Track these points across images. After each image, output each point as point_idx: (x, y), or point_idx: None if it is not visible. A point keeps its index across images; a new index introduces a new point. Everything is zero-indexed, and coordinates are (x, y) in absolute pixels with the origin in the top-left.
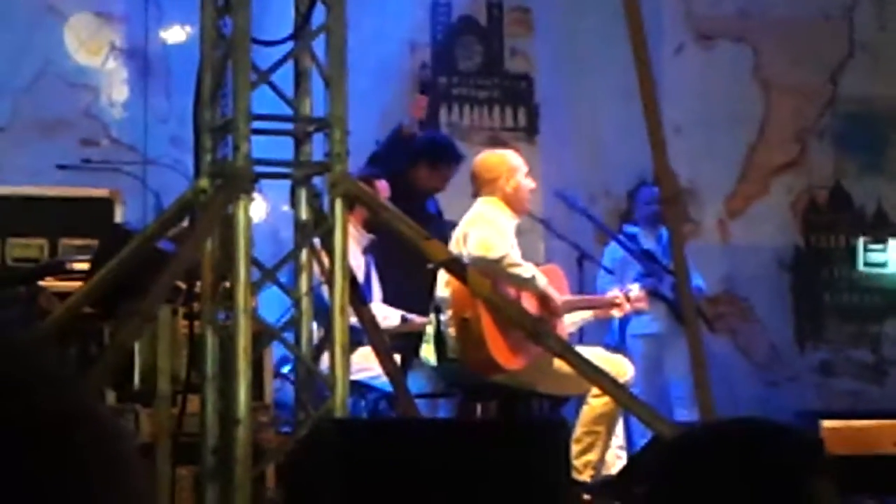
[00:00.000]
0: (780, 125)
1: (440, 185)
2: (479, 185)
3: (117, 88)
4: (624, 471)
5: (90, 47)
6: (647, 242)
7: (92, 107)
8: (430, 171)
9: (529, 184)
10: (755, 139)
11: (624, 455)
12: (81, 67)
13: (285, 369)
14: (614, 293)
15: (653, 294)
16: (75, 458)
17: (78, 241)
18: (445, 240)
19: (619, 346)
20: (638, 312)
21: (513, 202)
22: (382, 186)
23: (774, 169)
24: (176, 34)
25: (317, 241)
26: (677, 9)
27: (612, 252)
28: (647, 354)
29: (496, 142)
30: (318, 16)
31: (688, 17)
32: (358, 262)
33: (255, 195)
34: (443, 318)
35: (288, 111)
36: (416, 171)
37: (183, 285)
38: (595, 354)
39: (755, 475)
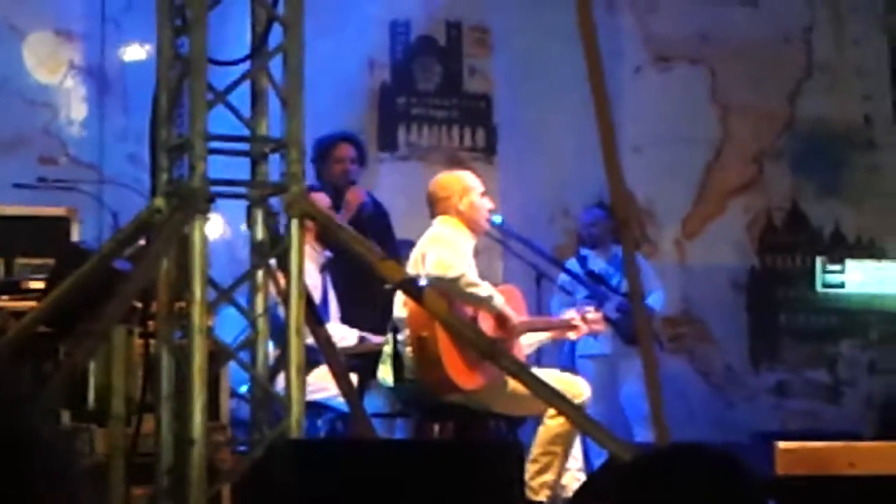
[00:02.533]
0: (738, 146)
1: (339, 168)
2: (434, 205)
3: (76, 107)
4: (580, 492)
5: (49, 65)
6: (598, 263)
7: (50, 125)
8: (325, 165)
9: (486, 203)
10: (712, 160)
11: (583, 477)
12: (40, 85)
13: (242, 389)
14: (570, 314)
15: None
16: (24, 480)
17: (34, 261)
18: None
19: (569, 368)
20: (594, 334)
21: (469, 222)
22: (321, 198)
23: (732, 190)
24: (134, 52)
25: (273, 261)
26: (636, 30)
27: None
28: (599, 374)
29: (455, 161)
30: (276, 36)
31: (646, 39)
32: (315, 281)
33: (212, 215)
34: (400, 337)
35: (245, 131)
36: (321, 176)
37: (139, 305)
38: (551, 375)
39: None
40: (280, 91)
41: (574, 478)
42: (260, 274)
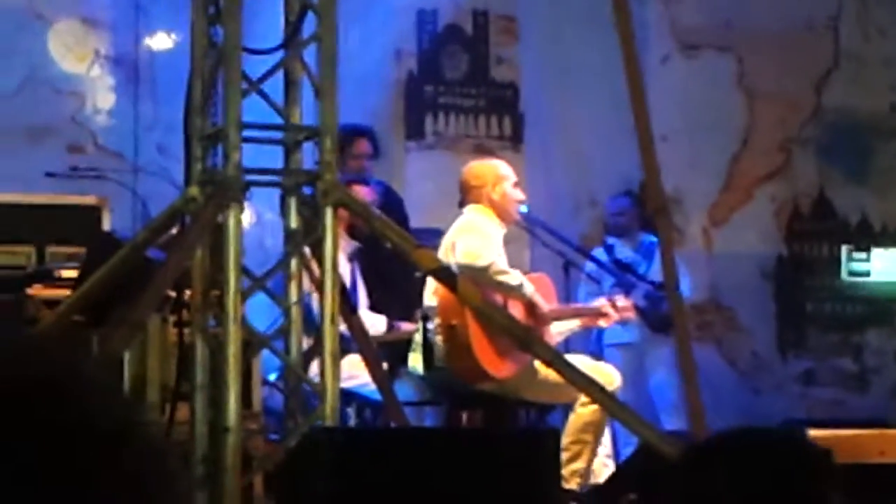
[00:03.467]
0: (765, 134)
1: (355, 164)
2: (466, 193)
3: (103, 95)
4: (612, 479)
5: (77, 54)
6: (625, 252)
7: (78, 114)
8: (341, 160)
9: (518, 194)
10: (739, 148)
11: (611, 463)
12: (68, 74)
13: (272, 377)
14: (601, 302)
15: None
16: (127, 471)
17: (65, 249)
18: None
19: (597, 356)
20: (623, 322)
21: (500, 211)
22: (367, 192)
23: (758, 178)
24: (163, 41)
25: (307, 249)
26: (663, 19)
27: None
28: (627, 362)
29: (482, 150)
30: (309, 25)
31: (673, 27)
32: (343, 269)
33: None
34: (430, 326)
35: (278, 120)
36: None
37: (173, 293)
38: (582, 363)
39: (748, 486)
40: (314, 79)
41: (602, 464)
42: (294, 262)
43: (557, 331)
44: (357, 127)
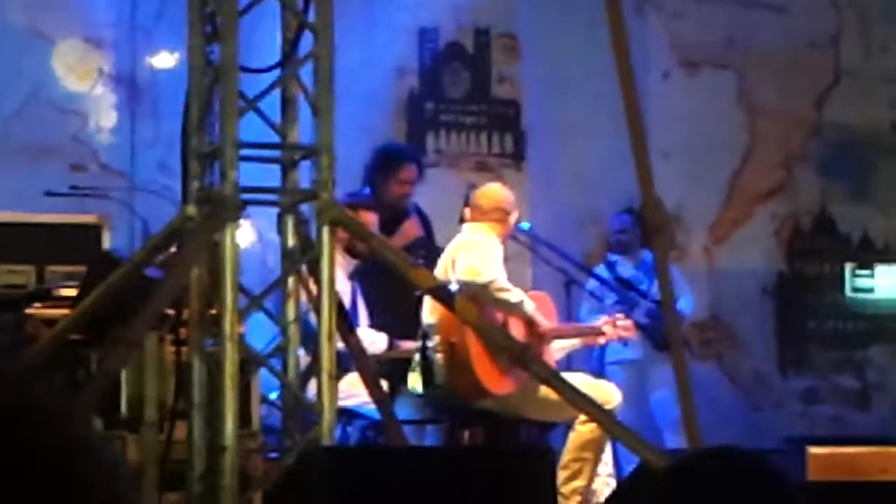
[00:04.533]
0: (766, 151)
1: (400, 190)
2: (475, 211)
3: (106, 114)
4: (611, 498)
5: (79, 73)
6: (627, 269)
7: (80, 133)
8: (384, 180)
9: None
10: (740, 165)
11: (613, 483)
12: (70, 93)
13: (273, 395)
14: (602, 320)
15: None
16: (75, 489)
17: (65, 268)
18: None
19: (598, 374)
20: (624, 341)
21: (501, 232)
22: (371, 219)
23: (759, 195)
24: (164, 60)
25: (304, 267)
26: (663, 35)
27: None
28: (629, 380)
29: (483, 168)
30: (306, 43)
31: (674, 44)
32: (344, 287)
33: (243, 222)
34: (430, 344)
35: (275, 138)
36: (376, 188)
37: (170, 312)
38: (582, 381)
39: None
40: (311, 98)
41: (604, 483)
42: (291, 281)
43: (557, 348)
44: (406, 151)
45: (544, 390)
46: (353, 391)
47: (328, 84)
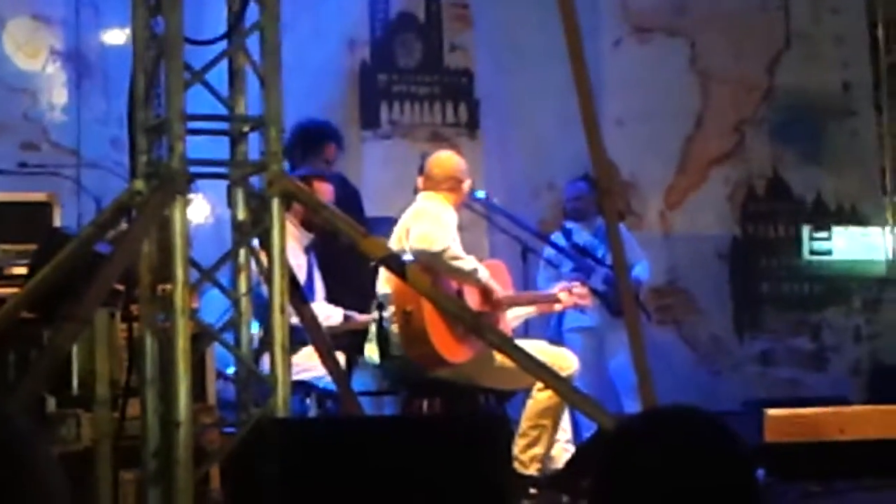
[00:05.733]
0: (718, 116)
1: (324, 167)
2: (428, 181)
3: (56, 92)
4: (570, 464)
5: (28, 51)
6: (583, 236)
7: (31, 111)
8: (306, 159)
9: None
10: (693, 131)
11: (572, 448)
12: (20, 71)
13: (230, 370)
14: (558, 287)
15: None
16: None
17: (16, 247)
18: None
19: (556, 341)
20: (581, 308)
21: (455, 201)
22: (326, 189)
23: (713, 159)
24: (114, 36)
25: (255, 240)
26: (615, 3)
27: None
28: (587, 347)
29: (438, 138)
30: (252, 14)
31: (625, 11)
32: (300, 261)
33: (197, 196)
34: (385, 314)
35: (223, 110)
36: (296, 167)
37: (121, 288)
38: (538, 348)
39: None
40: (258, 69)
41: (563, 449)
42: (242, 254)
43: (513, 316)
44: (328, 129)
45: (500, 358)
46: (309, 364)
47: (275, 55)
